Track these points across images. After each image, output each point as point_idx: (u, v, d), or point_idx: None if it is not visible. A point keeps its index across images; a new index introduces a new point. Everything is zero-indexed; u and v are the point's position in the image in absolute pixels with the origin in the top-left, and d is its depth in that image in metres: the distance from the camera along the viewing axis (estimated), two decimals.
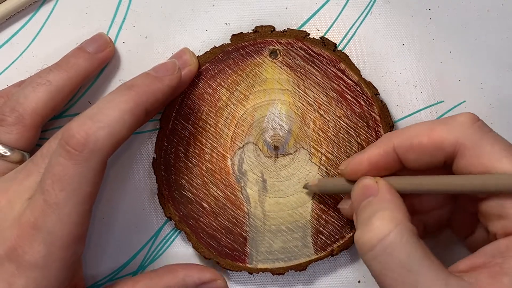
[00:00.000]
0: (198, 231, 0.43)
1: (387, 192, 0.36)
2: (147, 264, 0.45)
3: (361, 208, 0.37)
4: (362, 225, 0.36)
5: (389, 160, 0.38)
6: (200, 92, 0.43)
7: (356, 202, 0.38)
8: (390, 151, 0.38)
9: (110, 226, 0.44)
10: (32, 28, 0.45)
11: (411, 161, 0.37)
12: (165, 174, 0.43)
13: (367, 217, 0.35)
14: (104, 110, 0.35)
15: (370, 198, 0.37)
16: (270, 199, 0.43)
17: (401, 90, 0.44)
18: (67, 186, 0.34)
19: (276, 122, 0.43)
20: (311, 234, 0.43)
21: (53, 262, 0.35)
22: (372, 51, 0.44)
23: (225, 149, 0.43)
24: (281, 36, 0.43)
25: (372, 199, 0.37)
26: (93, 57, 0.42)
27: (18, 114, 0.40)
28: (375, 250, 0.34)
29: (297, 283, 0.45)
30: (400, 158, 0.38)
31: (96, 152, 0.35)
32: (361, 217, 0.36)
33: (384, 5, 0.44)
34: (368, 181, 0.38)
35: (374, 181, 0.37)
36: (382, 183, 0.37)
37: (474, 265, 0.34)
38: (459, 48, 0.44)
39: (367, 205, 0.36)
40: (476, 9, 0.44)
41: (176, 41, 0.45)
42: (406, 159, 0.37)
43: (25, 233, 0.35)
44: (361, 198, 0.37)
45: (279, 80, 0.43)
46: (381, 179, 0.38)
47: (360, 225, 0.36)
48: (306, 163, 0.43)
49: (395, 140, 0.38)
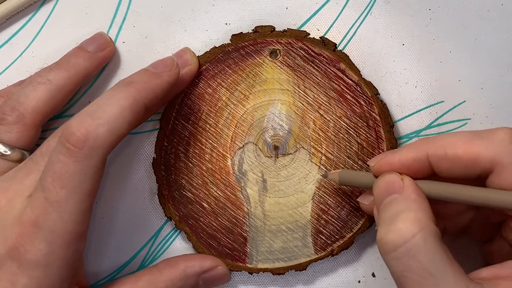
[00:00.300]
0: (198, 231, 0.43)
1: (412, 192, 0.36)
2: (147, 264, 0.45)
3: (384, 205, 0.36)
4: (385, 224, 0.35)
5: (421, 166, 0.37)
6: (200, 92, 0.43)
7: (378, 197, 0.37)
8: (423, 157, 0.37)
9: (110, 226, 0.44)
10: (32, 28, 0.45)
11: (443, 170, 0.37)
12: (165, 174, 0.43)
13: (391, 216, 0.35)
14: (103, 107, 0.35)
15: (394, 195, 0.36)
16: (270, 199, 0.43)
17: (401, 90, 0.45)
18: (68, 184, 0.34)
19: (276, 122, 0.43)
20: (311, 234, 0.43)
21: (54, 260, 0.35)
22: (372, 51, 0.44)
23: (225, 149, 0.43)
24: (281, 36, 0.43)
25: (397, 197, 0.36)
26: (93, 56, 0.42)
27: (19, 113, 0.40)
28: (398, 251, 0.34)
29: (297, 283, 0.45)
30: (433, 166, 0.37)
31: (96, 149, 0.35)
32: (384, 215, 0.36)
33: (384, 5, 0.44)
34: (393, 177, 0.37)
35: (400, 178, 0.37)
36: (407, 181, 0.36)
37: (497, 275, 0.34)
38: (459, 48, 0.44)
39: (391, 203, 0.36)
40: (476, 9, 0.44)
41: (176, 41, 0.45)
42: (438, 168, 0.37)
43: (26, 231, 0.35)
44: (384, 194, 0.37)
45: (279, 80, 0.43)
46: (407, 176, 0.37)
47: (383, 223, 0.35)
48: (306, 163, 0.43)
49: (430, 147, 0.37)
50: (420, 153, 0.37)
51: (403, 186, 0.36)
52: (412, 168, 0.37)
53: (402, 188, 0.36)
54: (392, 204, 0.36)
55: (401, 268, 0.34)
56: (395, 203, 0.36)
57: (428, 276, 0.33)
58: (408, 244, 0.33)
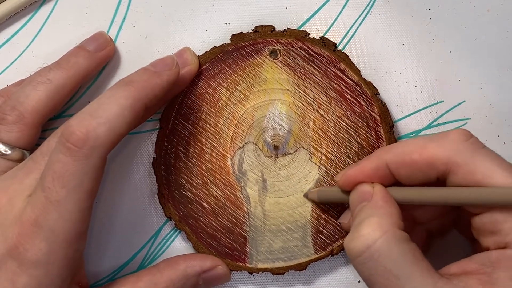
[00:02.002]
0: (198, 230, 0.43)
1: (380, 198, 0.37)
2: (147, 264, 0.45)
3: (355, 213, 0.37)
4: (352, 230, 0.36)
5: (382, 174, 0.38)
6: (200, 92, 0.43)
7: (352, 207, 0.38)
8: (382, 166, 0.38)
9: (110, 226, 0.44)
10: (32, 28, 0.45)
11: (403, 176, 0.37)
12: (165, 174, 0.43)
13: (357, 223, 0.36)
14: (103, 106, 0.35)
15: (364, 203, 0.37)
16: (270, 199, 0.43)
17: (401, 90, 0.45)
18: (68, 183, 0.34)
19: (276, 122, 0.43)
20: (311, 233, 0.43)
21: (55, 259, 0.35)
22: (372, 51, 0.45)
23: (225, 149, 0.43)
24: (281, 36, 0.43)
25: (365, 204, 0.37)
26: (93, 56, 0.42)
27: (19, 112, 0.40)
28: (363, 257, 0.35)
29: (297, 283, 0.45)
30: (393, 173, 0.38)
31: (97, 148, 0.35)
32: (354, 222, 0.37)
33: (384, 5, 0.44)
34: (364, 187, 0.38)
35: (371, 187, 0.38)
36: (377, 188, 0.37)
37: (465, 270, 0.35)
38: (459, 48, 0.44)
39: (360, 210, 0.37)
40: (476, 9, 0.44)
41: (176, 41, 0.45)
42: (398, 175, 0.38)
43: (26, 231, 0.35)
44: (356, 203, 0.38)
45: (279, 80, 0.43)
46: (378, 184, 0.38)
47: (351, 230, 0.36)
48: (306, 163, 0.43)
49: (388, 155, 0.38)
50: (379, 162, 0.38)
51: (372, 193, 0.37)
52: (375, 178, 0.38)
53: (372, 195, 0.37)
54: (361, 211, 0.37)
55: (367, 273, 0.35)
56: (363, 210, 0.37)
57: (393, 279, 0.34)
58: (371, 249, 0.34)
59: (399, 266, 0.34)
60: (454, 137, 0.36)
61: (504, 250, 0.34)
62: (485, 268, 0.34)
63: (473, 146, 0.36)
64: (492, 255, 0.35)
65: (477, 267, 0.35)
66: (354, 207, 0.38)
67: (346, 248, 0.36)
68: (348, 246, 0.36)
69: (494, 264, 0.34)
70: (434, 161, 0.36)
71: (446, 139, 0.36)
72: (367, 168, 0.38)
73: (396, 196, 0.37)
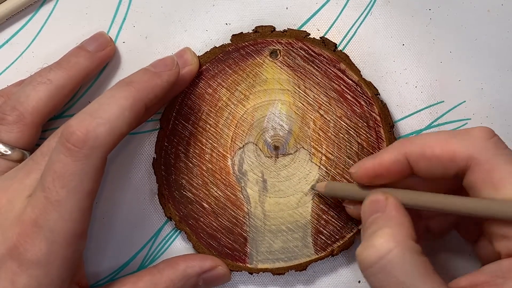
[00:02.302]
0: (198, 231, 0.43)
1: (393, 209, 0.36)
2: (147, 264, 0.45)
3: (368, 223, 0.37)
4: (364, 240, 0.36)
5: (400, 166, 0.38)
6: (200, 92, 0.43)
7: (364, 216, 0.38)
8: (401, 157, 0.37)
9: (110, 226, 0.44)
10: (32, 28, 0.45)
11: (422, 169, 0.37)
12: (165, 174, 0.43)
13: (370, 233, 0.35)
14: (104, 107, 0.35)
15: (377, 214, 0.37)
16: (270, 199, 0.43)
17: (401, 90, 0.45)
18: (68, 183, 0.34)
19: (277, 122, 0.43)
20: (311, 234, 0.43)
21: (55, 259, 0.35)
22: (372, 51, 0.45)
23: (225, 149, 0.43)
24: (281, 36, 0.43)
25: (379, 215, 0.36)
26: (94, 56, 0.42)
27: (19, 113, 0.40)
28: (374, 268, 0.34)
29: (297, 283, 0.45)
30: (411, 166, 0.37)
31: (97, 149, 0.35)
32: (366, 232, 0.36)
33: (384, 5, 0.44)
34: (378, 196, 0.37)
35: (384, 197, 0.37)
36: (391, 200, 0.37)
37: (475, 283, 0.35)
38: (459, 48, 0.44)
39: (373, 221, 0.36)
40: (476, 9, 0.44)
41: (176, 41, 0.45)
42: (417, 167, 0.37)
43: (26, 231, 0.35)
44: (369, 213, 0.37)
45: (279, 80, 0.43)
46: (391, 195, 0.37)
47: (363, 240, 0.36)
48: (306, 163, 0.43)
49: (408, 147, 0.37)
50: (399, 154, 0.38)
51: (386, 204, 0.37)
52: (392, 170, 0.38)
53: (386, 206, 0.37)
54: (374, 222, 0.36)
55: (379, 284, 0.34)
56: (377, 221, 0.36)
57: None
58: (383, 260, 0.34)
59: (411, 279, 0.33)
60: (477, 134, 0.36)
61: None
62: (496, 279, 0.34)
63: (495, 145, 0.36)
64: (503, 265, 0.34)
65: (488, 279, 0.34)
66: (366, 217, 0.37)
67: (358, 258, 0.35)
68: (360, 256, 0.35)
69: (506, 274, 0.34)
70: (455, 156, 0.36)
71: (469, 135, 0.36)
72: (385, 160, 0.38)
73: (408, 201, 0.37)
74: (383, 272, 0.34)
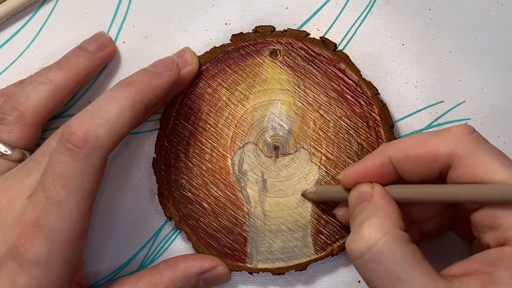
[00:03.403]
0: (198, 231, 0.43)
1: (380, 198, 0.37)
2: (147, 264, 0.45)
3: (355, 214, 0.37)
4: (352, 231, 0.36)
5: (386, 170, 0.38)
6: (200, 92, 0.43)
7: (351, 208, 0.38)
8: (386, 161, 0.38)
9: (110, 226, 0.44)
10: (32, 28, 0.45)
11: (407, 172, 0.37)
12: (165, 174, 0.43)
13: (358, 224, 0.36)
14: (104, 107, 0.35)
15: (364, 203, 0.37)
16: (270, 199, 0.43)
17: (401, 90, 0.45)
18: (69, 183, 0.34)
19: (276, 122, 0.43)
20: (311, 234, 0.43)
21: (55, 259, 0.35)
22: (372, 51, 0.45)
23: (225, 149, 0.43)
24: (281, 36, 0.43)
25: (365, 205, 0.37)
26: (94, 56, 0.42)
27: (19, 113, 0.40)
28: (364, 258, 0.34)
29: (297, 283, 0.45)
30: (396, 169, 0.38)
31: (97, 149, 0.35)
32: (354, 223, 0.37)
33: (384, 5, 0.44)
34: (364, 187, 0.38)
35: (370, 187, 0.38)
36: (377, 188, 0.37)
37: (466, 271, 0.35)
38: (459, 48, 0.44)
39: (360, 211, 0.37)
40: (476, 9, 0.44)
41: (176, 41, 0.45)
42: (402, 170, 0.38)
43: (26, 231, 0.35)
44: (356, 204, 0.38)
45: (279, 80, 0.43)
46: (377, 184, 0.38)
47: (351, 231, 0.36)
48: (306, 163, 0.43)
49: (391, 150, 0.38)
50: (383, 157, 0.38)
51: (372, 194, 0.37)
52: (378, 174, 0.38)
53: (372, 195, 0.37)
54: (361, 212, 0.37)
55: (369, 274, 0.35)
56: (363, 210, 0.37)
57: (395, 280, 0.34)
58: (372, 249, 0.34)
59: (401, 267, 0.34)
60: (457, 131, 0.36)
61: (503, 247, 0.34)
62: (485, 267, 0.34)
63: (475, 140, 0.36)
64: (492, 254, 0.35)
65: (478, 267, 0.35)
66: (353, 207, 0.38)
67: (347, 249, 0.36)
68: (349, 248, 0.35)
69: (495, 263, 0.34)
70: (437, 154, 0.36)
71: (449, 133, 0.37)
72: (370, 165, 0.38)
73: (395, 194, 0.37)
74: (372, 262, 0.34)
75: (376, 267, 0.34)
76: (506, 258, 0.34)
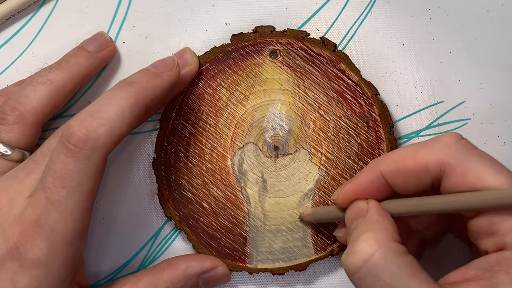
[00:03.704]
0: (198, 231, 0.43)
1: (375, 213, 0.37)
2: (147, 264, 0.45)
3: (351, 229, 0.37)
4: (348, 247, 0.36)
5: (379, 186, 0.38)
6: (200, 92, 0.43)
7: (348, 225, 0.38)
8: (378, 177, 0.38)
9: (110, 226, 0.44)
10: (32, 28, 0.45)
11: (399, 185, 0.37)
12: (165, 174, 0.43)
13: (354, 239, 0.36)
14: (104, 107, 0.35)
15: (359, 219, 0.37)
16: (270, 199, 0.43)
17: (401, 90, 0.45)
18: (69, 183, 0.34)
19: (276, 122, 0.43)
20: (311, 234, 0.43)
21: (55, 259, 0.35)
22: (372, 51, 0.45)
23: (225, 149, 0.43)
24: (281, 36, 0.43)
25: (360, 220, 0.37)
26: (94, 56, 0.42)
27: (19, 113, 0.40)
28: (360, 272, 0.34)
29: (297, 283, 0.45)
30: (389, 183, 0.38)
31: (97, 149, 0.35)
32: (350, 239, 0.37)
33: (384, 5, 0.44)
34: (358, 204, 0.38)
35: (365, 203, 0.38)
36: (372, 204, 0.37)
37: (465, 278, 0.35)
38: (459, 48, 0.44)
39: (356, 226, 0.37)
40: (476, 9, 0.44)
41: (176, 41, 0.45)
42: (394, 184, 0.38)
43: (27, 231, 0.35)
44: (352, 220, 0.38)
45: (279, 80, 0.43)
46: (373, 200, 0.38)
47: (347, 247, 0.36)
48: (306, 163, 0.43)
49: (382, 165, 0.38)
50: (374, 173, 0.38)
51: (367, 209, 0.37)
52: (372, 190, 0.38)
53: (367, 211, 0.37)
54: (356, 228, 0.37)
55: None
56: (359, 226, 0.37)
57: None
58: (368, 264, 0.34)
59: (398, 279, 0.33)
60: (445, 139, 0.36)
61: (502, 252, 0.34)
62: (485, 273, 0.34)
63: (464, 147, 0.36)
64: (491, 259, 0.35)
65: (477, 273, 0.35)
66: (349, 224, 0.38)
67: (344, 265, 0.35)
68: (345, 263, 0.35)
69: (494, 268, 0.34)
70: (427, 165, 0.36)
71: (437, 143, 0.37)
72: (363, 182, 0.38)
73: (390, 209, 0.37)
74: (369, 276, 0.34)
75: (373, 280, 0.34)
76: (505, 262, 0.34)
